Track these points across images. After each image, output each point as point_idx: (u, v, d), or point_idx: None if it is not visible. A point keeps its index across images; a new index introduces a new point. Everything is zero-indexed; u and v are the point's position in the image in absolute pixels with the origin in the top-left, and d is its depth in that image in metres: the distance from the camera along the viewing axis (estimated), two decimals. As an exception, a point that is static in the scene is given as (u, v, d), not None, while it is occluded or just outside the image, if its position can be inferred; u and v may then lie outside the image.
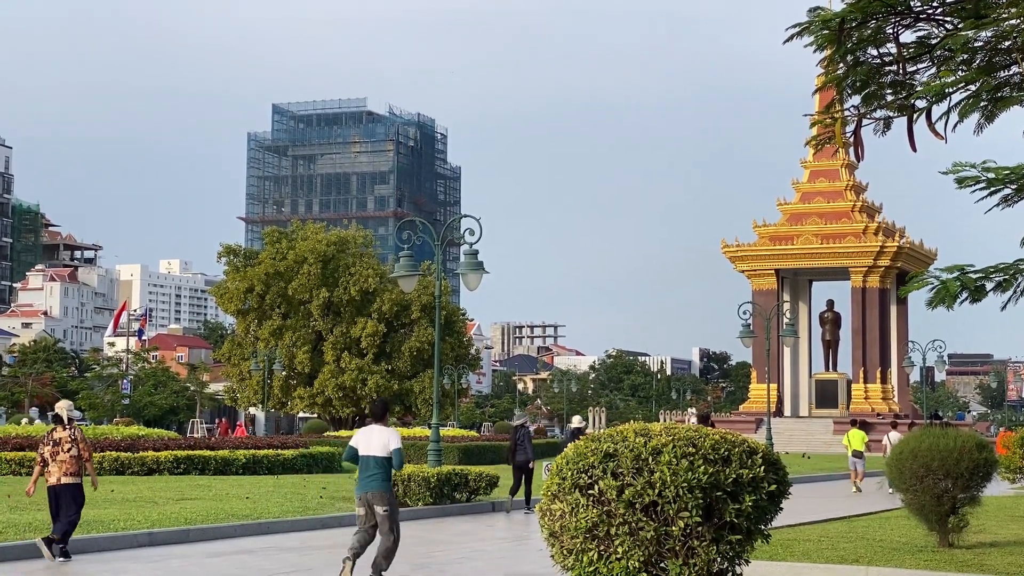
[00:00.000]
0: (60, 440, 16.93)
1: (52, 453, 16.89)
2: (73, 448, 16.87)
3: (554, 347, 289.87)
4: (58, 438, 16.97)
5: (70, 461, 16.83)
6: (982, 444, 17.35)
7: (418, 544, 19.95)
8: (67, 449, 16.86)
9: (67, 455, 16.83)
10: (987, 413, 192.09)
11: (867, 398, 76.65)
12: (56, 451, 16.87)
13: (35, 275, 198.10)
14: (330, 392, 78.06)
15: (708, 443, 9.74)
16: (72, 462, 16.84)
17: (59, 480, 16.74)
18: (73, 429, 17.14)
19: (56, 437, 16.99)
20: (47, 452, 16.92)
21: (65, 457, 16.83)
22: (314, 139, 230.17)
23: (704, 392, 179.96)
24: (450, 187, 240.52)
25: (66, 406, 17.66)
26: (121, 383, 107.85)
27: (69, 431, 17.05)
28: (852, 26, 11.12)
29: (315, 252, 78.48)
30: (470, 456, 45.50)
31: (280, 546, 19.11)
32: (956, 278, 11.36)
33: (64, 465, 16.80)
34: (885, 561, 15.39)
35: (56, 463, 16.83)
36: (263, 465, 36.11)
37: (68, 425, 17.19)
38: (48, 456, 16.90)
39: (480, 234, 25.83)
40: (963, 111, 11.19)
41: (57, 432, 17.08)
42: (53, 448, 16.90)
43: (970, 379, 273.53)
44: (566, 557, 9.85)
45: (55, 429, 17.22)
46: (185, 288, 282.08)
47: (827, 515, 24.71)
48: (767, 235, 79.51)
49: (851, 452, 36.93)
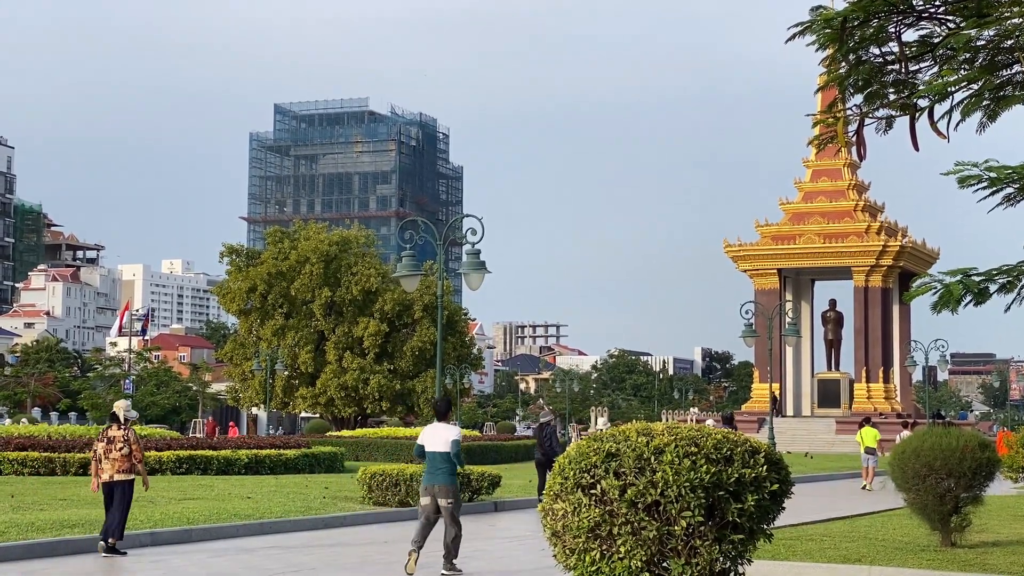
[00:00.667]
0: (113, 439, 17.50)
1: (105, 451, 17.45)
2: (125, 447, 17.42)
3: (556, 347, 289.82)
4: (112, 436, 17.53)
5: (122, 459, 17.39)
6: (984, 443, 17.34)
7: (420, 544, 19.96)
8: (119, 448, 17.42)
9: (119, 453, 17.40)
10: (990, 412, 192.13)
11: (869, 398, 76.59)
12: (109, 449, 17.44)
13: (37, 275, 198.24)
14: (332, 392, 78.04)
15: (710, 443, 9.73)
16: (124, 460, 17.41)
17: (111, 477, 17.32)
18: (127, 429, 17.65)
19: (110, 435, 17.54)
20: (101, 449, 17.50)
21: (117, 455, 17.39)
22: (316, 139, 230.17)
23: (706, 392, 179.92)
24: (452, 187, 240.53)
25: (123, 406, 18.20)
26: (123, 383, 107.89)
27: (123, 431, 17.59)
28: (854, 25, 11.11)
29: (317, 252, 78.45)
30: (472, 456, 45.45)
31: (282, 546, 19.11)
32: (959, 281, 11.34)
33: (116, 463, 17.38)
34: (887, 561, 15.38)
35: (109, 461, 17.40)
36: (265, 465, 36.10)
37: (123, 425, 17.71)
38: (102, 453, 17.45)
39: (482, 234, 25.80)
40: (965, 110, 11.17)
41: (111, 431, 17.61)
42: (107, 446, 17.48)
43: (973, 378, 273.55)
44: (568, 556, 9.85)
45: (110, 427, 17.73)
46: (187, 288, 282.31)
47: (829, 514, 24.70)
48: (769, 234, 79.46)
49: (863, 449, 37.05)
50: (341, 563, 16.98)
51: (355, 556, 17.85)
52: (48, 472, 32.99)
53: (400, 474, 25.35)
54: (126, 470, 17.41)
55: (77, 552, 17.44)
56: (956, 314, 11.48)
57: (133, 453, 17.47)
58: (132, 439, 17.55)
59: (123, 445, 17.44)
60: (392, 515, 24.18)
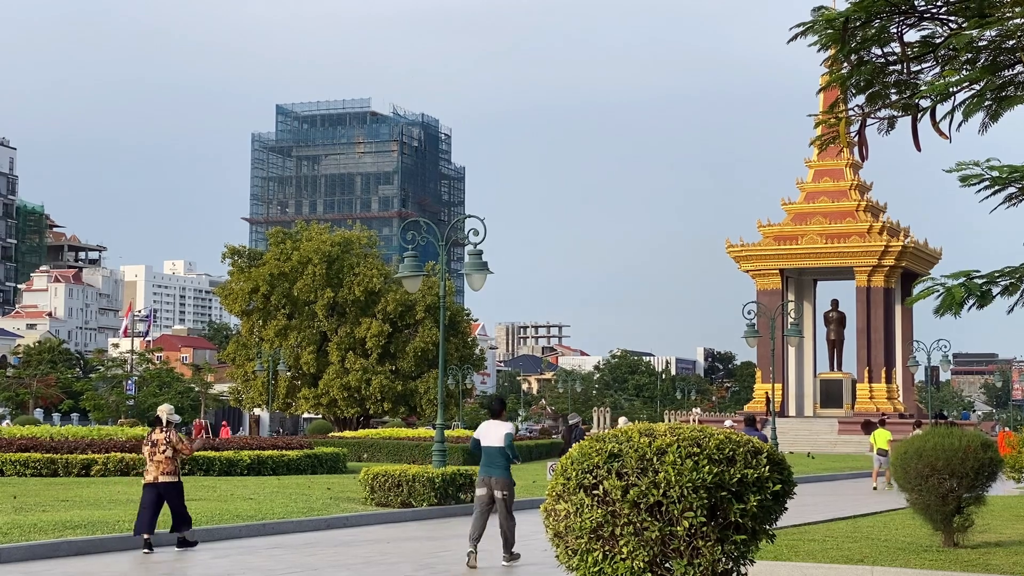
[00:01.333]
0: (157, 441, 18.26)
1: (150, 453, 18.26)
2: (168, 449, 18.16)
3: (558, 347, 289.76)
4: (155, 439, 18.29)
5: (166, 461, 18.12)
6: (987, 443, 17.31)
7: (423, 544, 19.97)
8: (163, 450, 18.16)
9: (163, 456, 18.14)
10: (992, 412, 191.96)
11: (872, 398, 76.54)
12: (153, 451, 18.21)
13: (39, 276, 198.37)
14: (335, 393, 78.06)
15: (713, 443, 9.73)
16: (168, 462, 18.13)
17: (156, 479, 18.02)
18: (169, 432, 18.29)
19: (154, 439, 18.32)
20: (146, 452, 18.34)
21: (161, 458, 18.14)
22: (318, 139, 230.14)
23: (709, 392, 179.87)
24: (454, 187, 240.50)
25: (166, 410, 18.83)
26: (126, 384, 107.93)
27: (165, 433, 18.28)
28: (856, 25, 11.11)
29: (319, 253, 78.48)
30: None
31: (285, 546, 19.12)
32: (961, 285, 11.32)
33: (161, 465, 18.10)
34: (890, 561, 15.37)
35: (153, 463, 18.16)
36: (267, 466, 36.10)
37: (166, 428, 18.36)
38: (147, 456, 18.29)
39: (484, 234, 25.82)
40: (967, 110, 11.17)
41: (155, 434, 18.36)
42: (151, 448, 18.27)
43: (975, 378, 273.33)
44: (571, 557, 9.85)
45: (154, 431, 18.45)
46: (189, 289, 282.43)
47: (832, 515, 24.69)
48: (771, 235, 79.43)
49: (876, 450, 37.17)
50: (344, 563, 16.98)
51: (358, 557, 17.86)
52: (50, 473, 32.99)
53: (402, 475, 25.33)
54: (170, 472, 18.09)
55: (79, 553, 17.45)
56: (959, 317, 11.47)
57: (178, 453, 18.20)
58: (175, 440, 18.22)
59: (166, 447, 18.15)
60: (395, 516, 24.18)
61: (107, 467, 33.40)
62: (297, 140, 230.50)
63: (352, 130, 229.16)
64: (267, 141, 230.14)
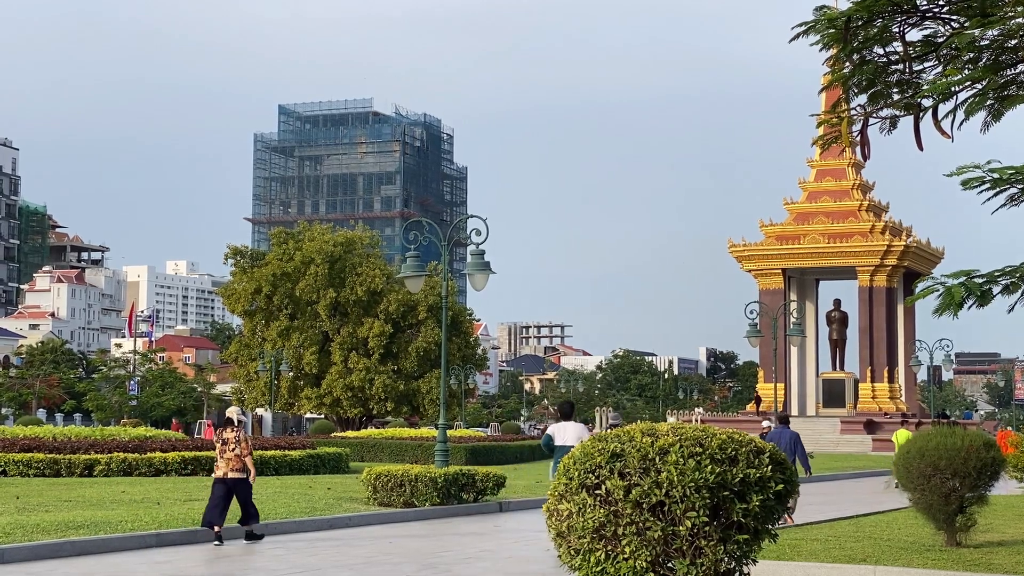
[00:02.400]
0: (227, 440, 19.47)
1: (220, 451, 19.44)
2: (237, 447, 19.35)
3: (561, 347, 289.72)
4: (226, 438, 19.51)
5: (235, 459, 19.32)
6: (989, 443, 17.30)
7: (425, 544, 19.97)
8: (232, 448, 19.36)
9: (232, 453, 19.33)
10: (995, 412, 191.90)
11: (874, 397, 76.53)
12: (223, 449, 19.40)
13: (42, 276, 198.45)
14: (338, 392, 78.08)
15: (715, 443, 9.73)
16: (236, 459, 19.33)
17: (225, 474, 19.22)
18: (238, 431, 19.56)
19: (224, 437, 19.53)
20: (217, 449, 19.55)
21: (231, 455, 19.33)
22: (320, 140, 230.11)
23: (711, 392, 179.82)
24: (456, 187, 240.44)
25: (236, 411, 20.28)
26: (128, 384, 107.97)
27: (235, 433, 19.53)
28: (858, 25, 11.11)
29: (322, 253, 78.49)
30: (477, 456, 45.51)
31: (287, 546, 19.13)
32: (961, 284, 11.30)
33: (230, 462, 19.30)
34: (892, 560, 15.36)
35: (223, 460, 19.36)
36: (270, 466, 36.09)
37: (236, 427, 19.63)
38: (218, 454, 19.49)
39: (487, 234, 25.84)
40: (969, 109, 11.17)
41: (225, 433, 19.58)
42: (221, 447, 19.47)
43: (978, 378, 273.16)
44: (573, 557, 9.85)
45: (224, 430, 19.64)
46: (192, 289, 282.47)
47: (834, 514, 24.68)
48: (774, 234, 79.41)
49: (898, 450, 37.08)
50: (346, 563, 16.98)
51: (360, 557, 17.86)
52: (53, 474, 33.01)
53: (405, 475, 25.32)
54: (239, 469, 19.26)
55: (82, 553, 17.45)
56: (958, 317, 11.45)
57: (242, 451, 19.30)
58: (242, 439, 19.48)
59: (235, 446, 19.37)
60: (397, 516, 24.18)
61: (110, 467, 33.41)
62: (299, 140, 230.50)
63: (354, 130, 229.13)
64: (269, 141, 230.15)
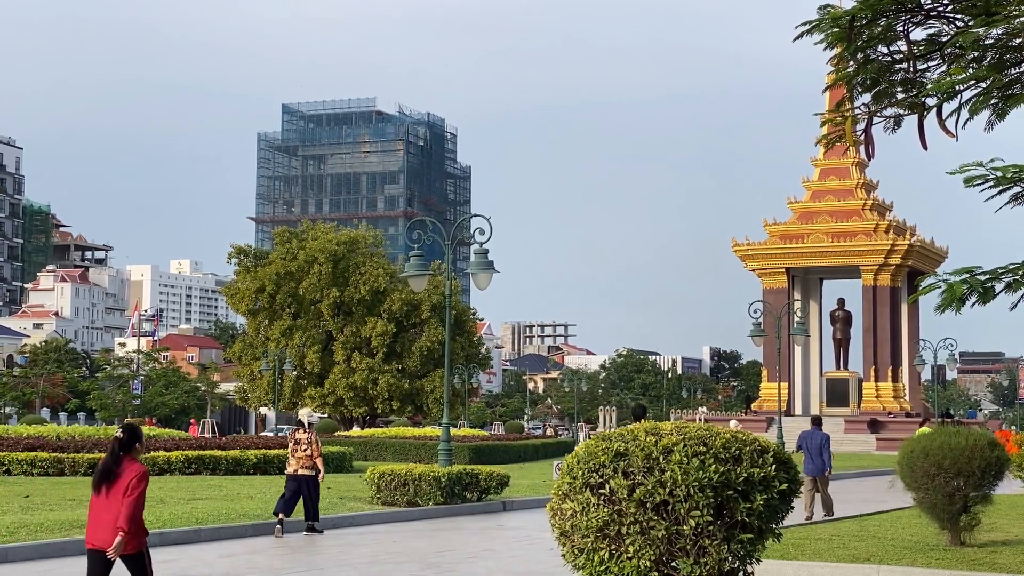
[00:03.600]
0: (299, 440, 21.13)
1: (292, 450, 21.09)
2: (308, 448, 20.97)
3: (564, 346, 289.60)
4: (298, 439, 21.18)
5: (306, 458, 20.91)
6: (994, 442, 17.29)
7: (429, 543, 19.97)
8: (304, 448, 20.98)
9: (303, 453, 20.94)
10: (999, 411, 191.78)
11: (878, 396, 76.49)
12: (296, 449, 21.03)
13: (46, 276, 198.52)
14: (341, 392, 78.12)
15: (719, 442, 9.73)
16: (307, 459, 20.91)
17: (296, 471, 20.76)
18: (310, 433, 21.25)
19: (297, 438, 21.22)
20: (289, 449, 21.25)
21: (302, 454, 20.93)
22: (324, 139, 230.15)
23: (715, 391, 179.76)
24: (460, 186, 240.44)
25: (306, 414, 22.16)
26: (132, 383, 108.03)
27: (307, 434, 21.21)
28: (862, 23, 11.10)
29: (325, 252, 78.51)
30: (481, 455, 45.51)
31: (291, 546, 19.14)
32: (963, 281, 11.29)
33: (302, 460, 20.88)
34: (896, 560, 15.35)
35: (295, 458, 20.94)
36: (274, 465, 36.06)
37: (308, 429, 21.32)
38: (290, 453, 21.13)
39: (490, 233, 25.83)
40: (974, 108, 11.15)
41: (298, 434, 21.27)
42: (294, 446, 21.13)
43: (982, 377, 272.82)
44: (577, 556, 9.85)
45: (298, 430, 21.37)
46: (196, 288, 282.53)
47: (838, 514, 24.66)
48: (777, 233, 79.37)
49: None
50: (350, 562, 16.99)
51: (364, 556, 17.87)
52: (57, 473, 33.02)
53: (408, 474, 25.33)
54: (309, 467, 20.83)
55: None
56: (960, 314, 11.42)
57: (313, 452, 20.87)
58: (314, 440, 21.14)
59: (307, 446, 20.98)
60: (401, 515, 24.19)
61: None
62: (303, 139, 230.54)
63: (358, 129, 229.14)
64: (273, 140, 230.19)
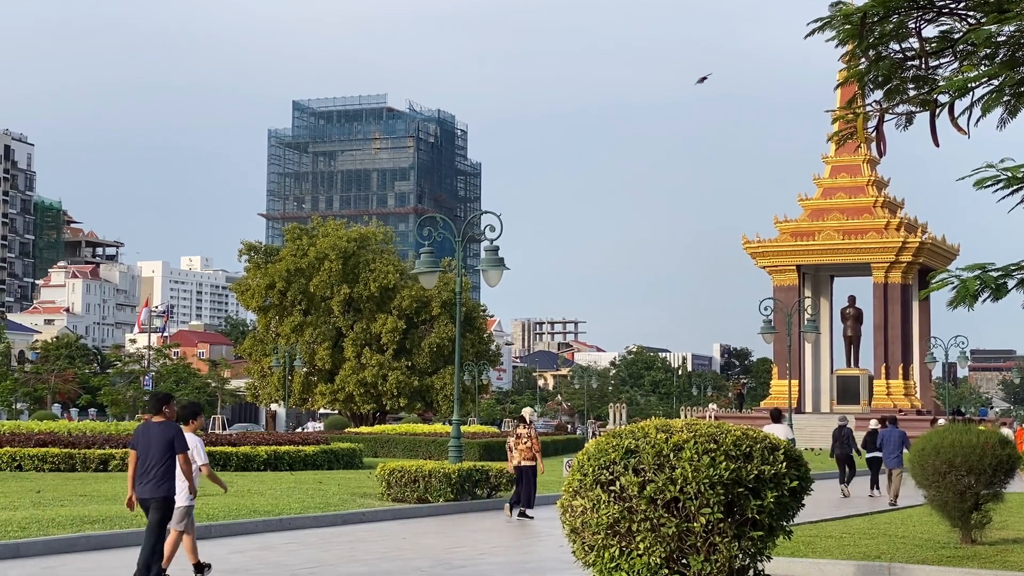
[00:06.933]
0: (521, 435, 23.95)
1: (515, 444, 23.91)
2: (529, 442, 23.78)
3: (575, 343, 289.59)
4: (519, 433, 24.06)
5: (526, 451, 23.75)
6: (1005, 440, 17.27)
7: (439, 540, 19.97)
8: (524, 442, 23.81)
9: (524, 446, 23.79)
10: (1010, 409, 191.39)
11: (889, 394, 76.33)
12: (518, 442, 23.86)
13: (57, 272, 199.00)
14: (351, 388, 78.19)
15: (729, 439, 9.72)
16: (528, 451, 23.73)
17: (519, 463, 23.67)
18: (530, 428, 24.21)
19: (518, 432, 24.12)
20: (511, 442, 24.09)
21: (523, 447, 23.78)
22: (334, 135, 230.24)
23: (725, 388, 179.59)
24: (470, 183, 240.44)
25: (528, 412, 25.08)
26: (143, 379, 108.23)
27: (528, 429, 24.11)
28: (874, 20, 11.08)
29: (336, 249, 78.56)
30: (491, 452, 45.52)
31: (301, 542, 19.15)
32: (976, 277, 11.27)
33: (523, 453, 23.73)
34: (907, 558, 15.33)
35: (518, 451, 23.78)
36: (284, 461, 36.17)
37: (528, 425, 24.27)
38: (513, 446, 23.95)
39: (501, 230, 25.83)
40: (986, 106, 11.12)
41: (519, 429, 24.24)
42: (515, 440, 23.95)
43: (993, 375, 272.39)
44: (587, 553, 9.85)
45: (519, 426, 24.36)
46: (206, 285, 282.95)
47: (849, 511, 24.64)
48: (788, 231, 79.20)
49: None
50: (360, 559, 17.00)
51: (374, 552, 17.88)
52: (68, 468, 33.11)
53: (419, 470, 25.35)
54: (530, 458, 23.64)
55: (97, 548, 17.50)
56: (972, 310, 11.39)
57: (533, 445, 23.59)
58: (533, 435, 24.01)
59: (527, 440, 23.75)
60: (411, 511, 24.21)
61: (125, 462, 33.42)
62: (313, 136, 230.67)
63: (368, 126, 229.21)
64: (284, 137, 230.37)
